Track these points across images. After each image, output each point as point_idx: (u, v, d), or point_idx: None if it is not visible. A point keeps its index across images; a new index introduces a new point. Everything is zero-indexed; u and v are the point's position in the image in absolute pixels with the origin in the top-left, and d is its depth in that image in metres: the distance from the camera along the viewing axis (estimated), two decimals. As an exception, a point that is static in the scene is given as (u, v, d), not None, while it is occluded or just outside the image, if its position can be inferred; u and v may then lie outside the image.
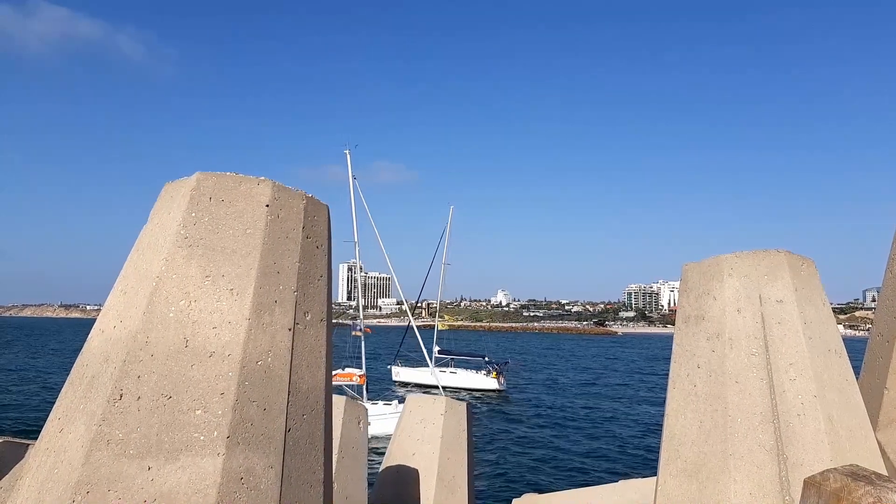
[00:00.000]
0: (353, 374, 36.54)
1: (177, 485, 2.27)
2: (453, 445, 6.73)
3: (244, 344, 2.49)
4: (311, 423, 2.69)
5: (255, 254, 2.63)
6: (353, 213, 38.59)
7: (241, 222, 2.65)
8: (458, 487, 6.57)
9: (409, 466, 6.56)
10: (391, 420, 32.30)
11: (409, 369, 53.50)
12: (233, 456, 2.36)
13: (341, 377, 35.99)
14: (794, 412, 3.22)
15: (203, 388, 2.40)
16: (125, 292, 2.60)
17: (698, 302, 3.60)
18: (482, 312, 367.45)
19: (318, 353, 2.80)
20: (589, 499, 6.51)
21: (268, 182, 2.74)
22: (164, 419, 2.33)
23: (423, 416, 6.88)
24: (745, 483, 3.14)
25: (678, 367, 3.60)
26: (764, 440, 3.18)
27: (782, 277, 3.46)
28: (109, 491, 2.23)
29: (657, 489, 3.50)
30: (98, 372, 2.44)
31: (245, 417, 2.43)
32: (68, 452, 2.31)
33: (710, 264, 3.62)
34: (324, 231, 2.95)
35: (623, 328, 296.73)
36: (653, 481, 4.89)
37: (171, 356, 2.41)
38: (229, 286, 2.55)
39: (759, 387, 3.27)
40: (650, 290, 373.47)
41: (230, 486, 2.33)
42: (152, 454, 2.29)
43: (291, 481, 2.54)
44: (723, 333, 3.42)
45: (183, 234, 2.57)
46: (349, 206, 38.65)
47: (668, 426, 3.54)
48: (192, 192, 2.63)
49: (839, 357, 3.46)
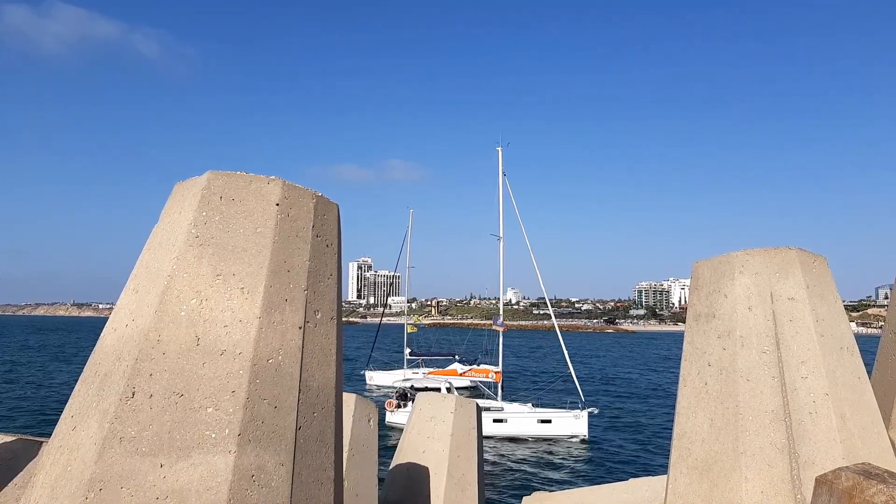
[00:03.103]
0: (489, 370, 35.13)
1: (188, 482, 2.29)
2: (463, 443, 6.74)
3: (255, 342, 2.51)
4: (321, 421, 2.70)
5: (265, 252, 2.64)
6: (500, 209, 37.43)
7: (251, 221, 2.66)
8: (468, 485, 6.58)
9: (420, 464, 6.58)
10: (528, 420, 31.53)
11: (382, 373, 53.08)
12: (244, 453, 2.37)
13: (477, 372, 34.76)
14: (805, 410, 3.20)
15: (214, 386, 2.41)
16: (137, 291, 2.62)
17: (709, 299, 3.58)
18: (491, 311, 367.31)
19: (329, 351, 2.81)
20: (599, 497, 6.50)
21: (278, 181, 2.75)
22: (176, 417, 2.35)
23: (433, 413, 6.89)
24: (756, 481, 3.12)
25: (689, 365, 3.59)
26: (775, 438, 3.17)
27: (794, 275, 3.44)
28: (122, 488, 2.25)
29: (668, 487, 3.49)
30: (110, 370, 2.45)
31: (256, 415, 2.44)
32: (81, 450, 2.33)
33: (721, 262, 3.60)
34: (333, 229, 2.96)
35: (633, 326, 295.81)
36: (664, 479, 4.88)
37: (183, 354, 2.43)
38: (240, 285, 2.57)
39: (770, 384, 3.25)
40: (661, 287, 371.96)
41: (241, 484, 2.34)
42: (164, 452, 2.30)
43: (302, 479, 2.55)
44: (734, 331, 3.40)
45: (194, 233, 2.59)
46: (496, 202, 37.49)
47: (678, 424, 3.53)
48: (202, 192, 2.65)
49: (851, 355, 3.44)
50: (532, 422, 31.79)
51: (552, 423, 31.64)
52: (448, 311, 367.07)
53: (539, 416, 32.10)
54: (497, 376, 34.94)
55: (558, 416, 31.95)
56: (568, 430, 31.47)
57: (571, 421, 31.53)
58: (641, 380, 60.22)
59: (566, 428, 31.53)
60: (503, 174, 37.83)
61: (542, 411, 32.74)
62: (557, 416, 31.93)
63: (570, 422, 31.57)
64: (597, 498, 6.54)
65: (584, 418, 31.26)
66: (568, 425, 31.55)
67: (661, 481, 5.77)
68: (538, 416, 32.11)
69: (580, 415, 31.35)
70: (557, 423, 31.68)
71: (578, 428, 31.38)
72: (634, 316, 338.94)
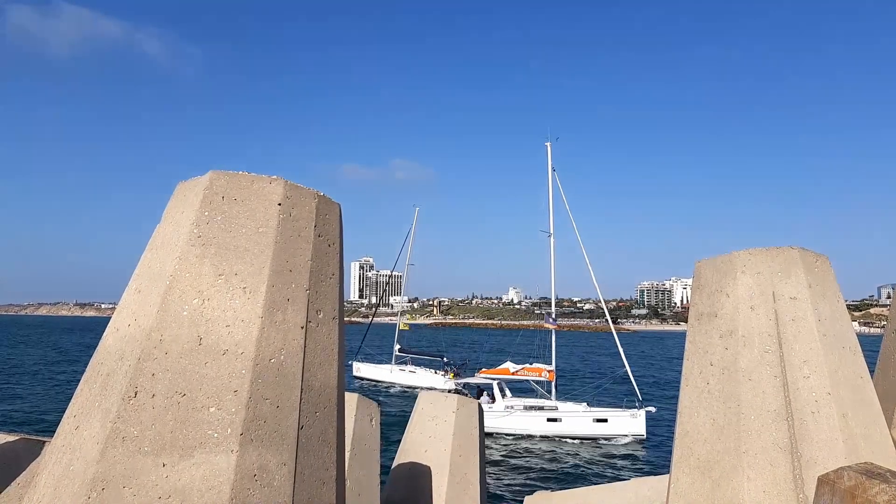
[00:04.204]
0: (542, 369, 34.44)
1: (191, 481, 2.29)
2: (465, 443, 6.74)
3: (257, 342, 2.51)
4: (323, 421, 2.70)
5: (267, 252, 2.64)
6: (550, 205, 37.10)
7: (253, 221, 2.67)
8: (470, 485, 6.58)
9: (421, 463, 6.58)
10: (584, 419, 30.94)
11: (370, 366, 53.77)
12: (246, 453, 2.38)
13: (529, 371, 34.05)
14: (808, 410, 3.20)
15: (217, 385, 2.42)
16: (139, 291, 2.63)
17: (711, 299, 3.58)
18: (493, 310, 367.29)
19: (331, 351, 2.81)
20: (602, 497, 6.50)
21: (280, 181, 2.76)
22: (179, 416, 2.35)
23: (435, 413, 6.89)
24: (758, 481, 3.12)
25: (691, 365, 3.59)
26: (777, 438, 3.16)
27: (796, 274, 3.44)
28: (124, 487, 2.25)
29: (670, 487, 3.49)
30: (113, 370, 2.46)
31: (258, 415, 2.45)
32: (84, 449, 2.34)
33: (723, 261, 3.60)
34: (335, 229, 2.96)
35: (635, 325, 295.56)
36: (666, 479, 4.88)
37: (185, 354, 2.43)
38: (242, 285, 2.57)
39: (772, 384, 3.25)
40: (663, 287, 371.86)
41: (244, 483, 2.35)
42: (167, 451, 2.31)
43: (304, 478, 2.56)
44: (736, 331, 3.40)
45: (196, 233, 2.59)
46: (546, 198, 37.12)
47: (680, 424, 3.53)
48: (204, 192, 2.65)
49: (854, 354, 3.44)
50: (588, 421, 31.20)
51: (608, 422, 30.87)
52: (450, 311, 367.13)
53: (595, 415, 31.42)
54: (550, 375, 34.24)
55: (615, 415, 31.13)
56: (625, 430, 30.77)
57: (628, 420, 30.85)
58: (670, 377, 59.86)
59: (623, 427, 30.83)
60: (553, 170, 37.38)
61: (597, 410, 32.00)
62: (614, 415, 31.11)
63: (627, 421, 30.86)
64: (599, 497, 6.54)
65: (642, 417, 30.64)
66: (625, 424, 30.85)
67: (663, 481, 5.78)
68: (594, 415, 31.41)
69: (637, 413, 30.71)
70: (614, 422, 30.89)
71: (635, 427, 30.72)
72: (636, 315, 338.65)
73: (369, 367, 53.64)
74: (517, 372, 34.93)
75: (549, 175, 37.37)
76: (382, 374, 51.79)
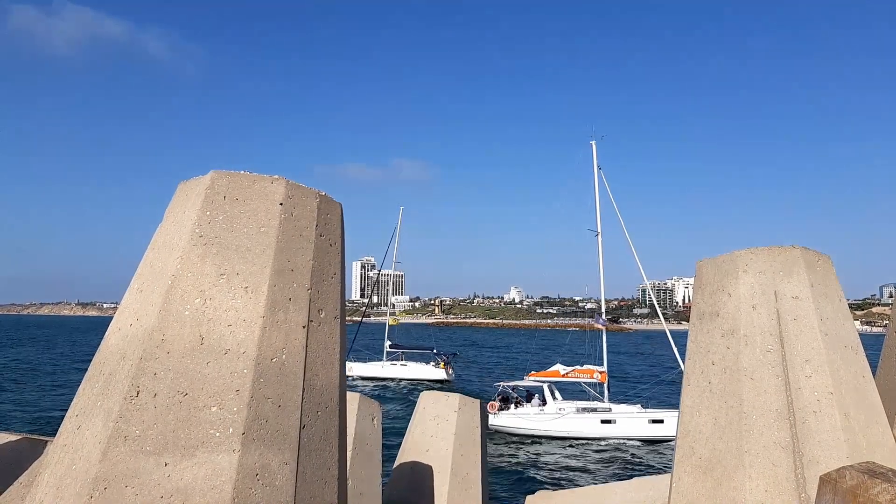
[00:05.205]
0: (594, 370, 33.57)
1: (193, 481, 2.30)
2: (467, 442, 6.74)
3: (259, 341, 2.51)
4: (325, 420, 2.71)
5: (269, 252, 2.64)
6: (596, 204, 36.11)
7: (255, 221, 2.67)
8: (472, 483, 6.59)
9: (423, 462, 6.58)
10: (639, 420, 30.25)
11: (361, 364, 53.75)
12: (248, 452, 2.38)
13: (580, 373, 33.24)
14: (809, 409, 3.20)
15: (218, 385, 2.42)
16: (141, 290, 2.63)
17: (713, 298, 3.58)
18: (495, 310, 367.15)
19: (333, 351, 2.81)
20: (604, 496, 6.50)
21: (281, 180, 2.76)
22: (181, 416, 2.36)
23: (437, 412, 6.90)
24: (760, 480, 3.12)
25: (693, 364, 3.59)
26: (779, 437, 3.16)
27: (798, 273, 3.43)
28: (126, 487, 2.25)
29: (672, 486, 3.49)
30: (115, 369, 2.46)
31: (260, 414, 2.45)
32: (86, 449, 2.34)
33: (724, 261, 3.60)
34: (337, 229, 2.97)
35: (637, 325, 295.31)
36: (668, 478, 4.88)
37: (187, 354, 2.44)
38: (244, 284, 2.57)
39: (774, 383, 3.25)
40: (664, 286, 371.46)
41: (246, 483, 2.35)
42: (169, 450, 2.31)
43: (306, 478, 2.56)
44: (738, 330, 3.40)
45: (198, 233, 2.59)
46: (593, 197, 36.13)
47: (682, 423, 3.53)
48: (206, 191, 2.65)
49: (855, 353, 3.43)
50: (643, 422, 30.45)
51: (664, 423, 29.86)
52: (451, 311, 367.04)
53: (650, 416, 30.63)
54: (602, 376, 33.30)
55: (672, 416, 29.72)
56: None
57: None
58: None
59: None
60: (598, 168, 36.35)
61: (653, 411, 31.16)
62: (671, 416, 29.81)
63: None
64: (601, 497, 6.54)
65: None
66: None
67: (665, 480, 5.77)
68: (649, 416, 30.58)
69: None
70: (671, 423, 29.48)
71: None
72: (638, 315, 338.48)
73: (361, 366, 53.66)
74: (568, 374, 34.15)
75: (594, 173, 36.22)
76: (375, 371, 51.94)
